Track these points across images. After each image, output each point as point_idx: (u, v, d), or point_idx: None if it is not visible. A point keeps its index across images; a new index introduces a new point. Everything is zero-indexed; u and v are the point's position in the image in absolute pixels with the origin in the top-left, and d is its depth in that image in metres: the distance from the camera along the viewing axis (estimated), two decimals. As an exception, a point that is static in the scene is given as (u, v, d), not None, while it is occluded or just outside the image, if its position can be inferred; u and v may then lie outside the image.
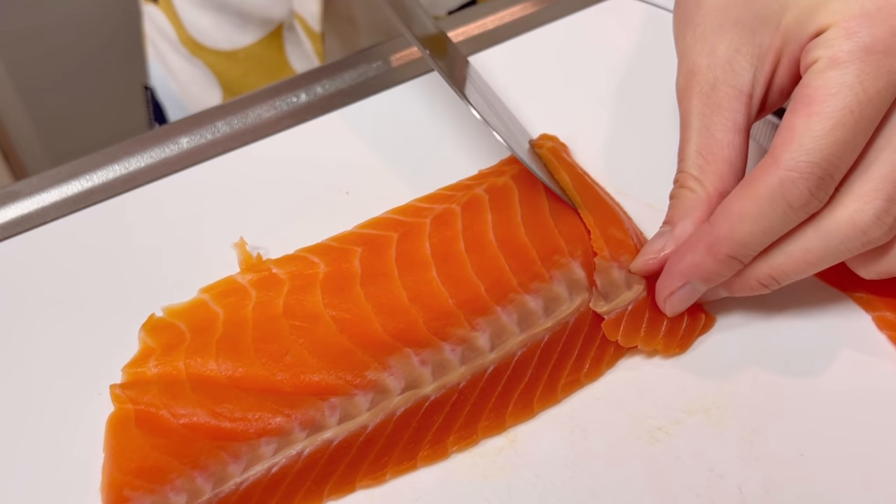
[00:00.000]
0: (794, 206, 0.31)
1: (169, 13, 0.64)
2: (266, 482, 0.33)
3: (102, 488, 0.32)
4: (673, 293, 0.35)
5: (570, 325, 0.37)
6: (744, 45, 0.34)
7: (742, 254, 0.33)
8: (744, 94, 0.34)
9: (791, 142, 0.31)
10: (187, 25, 0.63)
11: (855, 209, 0.31)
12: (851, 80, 0.30)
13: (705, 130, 0.35)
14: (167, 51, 0.66)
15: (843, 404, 0.35)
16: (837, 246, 0.32)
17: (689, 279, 0.35)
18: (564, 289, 0.37)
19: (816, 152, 0.31)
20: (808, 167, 0.31)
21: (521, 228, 0.39)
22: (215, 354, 0.35)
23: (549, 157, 0.43)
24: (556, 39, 0.51)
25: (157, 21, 0.66)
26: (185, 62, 0.65)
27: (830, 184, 0.31)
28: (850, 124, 0.30)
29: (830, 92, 0.30)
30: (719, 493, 0.33)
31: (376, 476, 0.33)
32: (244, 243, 0.40)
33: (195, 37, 0.63)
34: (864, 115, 0.30)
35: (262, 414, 0.33)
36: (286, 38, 0.63)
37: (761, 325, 0.38)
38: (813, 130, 0.31)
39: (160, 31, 0.66)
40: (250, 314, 0.36)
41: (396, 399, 0.34)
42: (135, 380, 0.35)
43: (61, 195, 0.43)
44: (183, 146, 0.46)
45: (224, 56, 0.63)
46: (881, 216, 0.31)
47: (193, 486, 0.32)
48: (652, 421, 0.35)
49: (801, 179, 0.31)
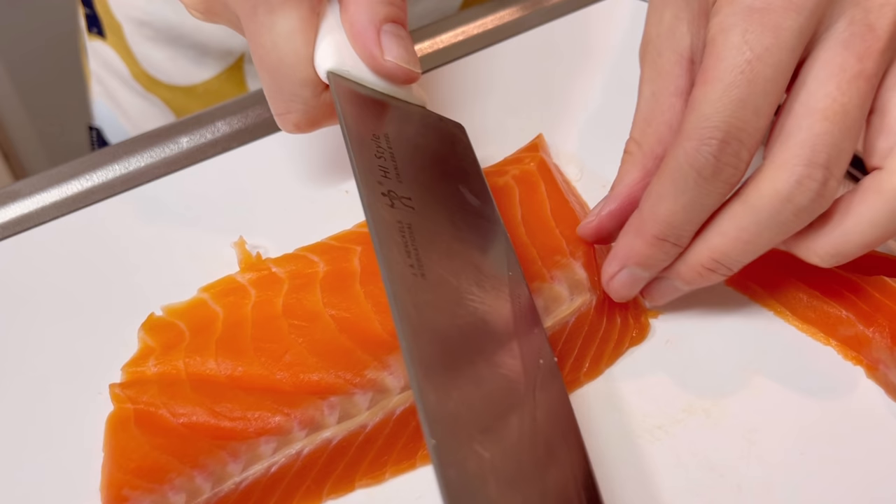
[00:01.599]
0: (704, 174, 0.31)
1: (119, 48, 0.61)
2: (265, 481, 0.33)
3: (102, 487, 0.32)
4: (613, 277, 0.35)
5: (571, 324, 0.37)
6: (682, 11, 0.35)
7: (670, 234, 0.33)
8: (684, 58, 0.34)
9: (692, 112, 0.31)
10: (141, 60, 0.60)
11: (775, 177, 0.30)
12: (737, 40, 0.30)
13: (651, 96, 0.35)
14: (116, 88, 0.63)
15: (843, 404, 0.35)
16: (767, 219, 0.31)
17: (625, 263, 0.35)
18: (565, 288, 0.37)
19: (714, 116, 0.30)
20: (708, 132, 0.30)
21: (521, 228, 0.39)
22: (215, 354, 0.35)
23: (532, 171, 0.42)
24: (553, 37, 0.51)
25: (104, 57, 0.62)
26: (139, 98, 0.62)
27: (739, 147, 0.30)
28: (743, 84, 0.30)
29: (720, 56, 0.30)
30: (719, 493, 0.33)
31: (376, 475, 0.33)
32: (244, 242, 0.40)
33: (149, 72, 0.60)
34: (757, 74, 0.30)
35: (261, 413, 0.33)
36: (248, 71, 0.59)
37: (761, 324, 0.38)
38: (708, 96, 0.30)
39: (108, 67, 0.63)
40: (250, 313, 0.36)
41: (396, 398, 0.34)
42: (134, 379, 0.35)
43: (61, 195, 0.43)
44: (183, 145, 0.46)
45: (181, 91, 0.60)
46: (802, 181, 0.30)
47: (193, 485, 0.32)
48: (652, 420, 0.35)
49: (703, 146, 0.30)
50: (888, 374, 0.35)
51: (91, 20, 0.62)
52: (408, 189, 0.34)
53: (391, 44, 0.35)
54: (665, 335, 0.37)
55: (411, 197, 0.33)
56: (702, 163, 0.30)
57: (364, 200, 0.32)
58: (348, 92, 0.35)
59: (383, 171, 0.34)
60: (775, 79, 0.30)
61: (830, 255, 0.32)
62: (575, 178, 0.44)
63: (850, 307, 0.37)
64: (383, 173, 0.34)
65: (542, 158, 0.43)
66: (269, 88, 0.36)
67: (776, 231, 0.31)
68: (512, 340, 0.32)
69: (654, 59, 0.36)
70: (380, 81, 0.36)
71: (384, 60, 0.35)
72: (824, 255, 0.32)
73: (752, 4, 0.30)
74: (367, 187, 0.32)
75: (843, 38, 0.30)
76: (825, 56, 0.31)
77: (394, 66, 0.35)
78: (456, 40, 0.52)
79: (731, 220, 0.32)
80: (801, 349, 0.37)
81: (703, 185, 0.31)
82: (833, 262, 0.33)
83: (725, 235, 0.32)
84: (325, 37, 0.35)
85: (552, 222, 0.40)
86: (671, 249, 0.33)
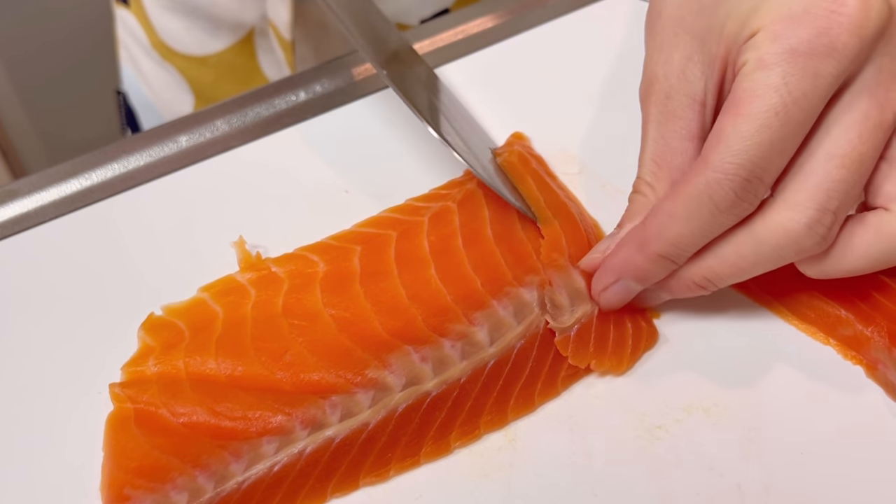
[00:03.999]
0: (721, 207, 0.31)
1: (140, 17, 0.63)
2: (268, 481, 0.33)
3: (102, 487, 0.32)
4: (606, 288, 0.36)
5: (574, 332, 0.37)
6: (696, 54, 0.35)
7: (673, 253, 0.33)
8: (696, 102, 0.34)
9: (719, 143, 0.31)
10: (158, 30, 0.62)
11: (787, 217, 0.31)
12: (777, 81, 0.30)
13: (660, 139, 0.35)
14: (139, 55, 0.65)
15: (842, 403, 0.35)
16: (770, 253, 0.32)
17: (621, 275, 0.35)
18: (565, 297, 0.37)
19: (742, 154, 0.30)
20: (734, 168, 0.31)
21: (517, 224, 0.39)
22: (215, 353, 0.35)
23: (514, 163, 0.42)
24: (554, 36, 0.51)
25: (128, 25, 0.65)
26: (157, 67, 0.64)
27: (759, 186, 0.31)
28: (776, 126, 0.30)
29: (756, 94, 0.30)
30: (719, 492, 0.33)
31: (380, 473, 0.33)
32: (243, 242, 0.40)
33: (166, 41, 0.62)
34: (791, 118, 0.30)
35: (262, 413, 0.33)
36: (258, 45, 0.62)
37: (761, 324, 0.38)
38: (739, 132, 0.31)
39: (132, 34, 0.65)
40: (249, 313, 0.36)
41: (398, 396, 0.34)
42: (134, 379, 0.35)
43: (60, 194, 0.43)
44: (182, 145, 0.46)
45: (195, 61, 0.62)
46: (813, 226, 0.31)
47: (195, 484, 0.32)
48: (652, 419, 0.35)
49: (727, 181, 0.31)
50: (887, 374, 0.35)
51: None
52: None
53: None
54: (665, 335, 0.37)
55: None
56: (721, 196, 0.31)
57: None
58: None
59: None
60: (805, 122, 0.31)
61: (817, 272, 0.34)
62: (574, 174, 0.44)
63: (849, 307, 0.37)
64: None
65: (520, 152, 0.43)
66: None
67: (774, 263, 0.33)
68: None
69: (662, 100, 0.35)
70: None
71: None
72: (811, 271, 0.34)
73: (797, 48, 0.30)
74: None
75: (869, 86, 0.31)
76: (850, 102, 0.31)
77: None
78: (455, 39, 0.51)
79: (733, 247, 0.33)
80: (800, 349, 0.37)
81: (717, 215, 0.32)
82: (817, 277, 0.34)
83: (723, 259, 0.33)
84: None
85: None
86: (669, 266, 0.34)
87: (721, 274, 0.34)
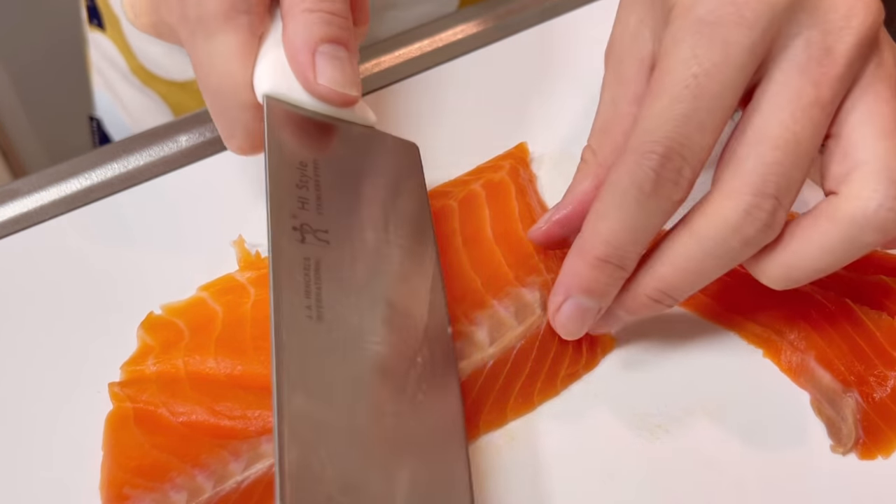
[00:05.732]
0: (645, 190, 0.29)
1: (118, 41, 0.60)
2: (267, 480, 0.33)
3: (102, 486, 0.32)
4: (558, 309, 0.33)
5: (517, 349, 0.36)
6: (647, 17, 0.34)
7: (613, 255, 0.31)
8: (645, 65, 0.33)
9: (636, 126, 0.30)
10: (138, 54, 0.59)
11: (724, 206, 0.29)
12: (686, 53, 0.29)
13: (611, 103, 0.34)
14: (116, 80, 0.62)
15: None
16: (714, 248, 0.30)
17: (570, 290, 0.33)
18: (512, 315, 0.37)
19: (656, 131, 0.29)
20: (649, 146, 0.29)
21: (518, 223, 0.39)
22: (214, 352, 0.35)
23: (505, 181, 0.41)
24: (549, 37, 0.51)
25: (104, 49, 0.62)
26: (136, 92, 0.61)
27: (681, 163, 0.29)
28: (689, 98, 0.29)
29: (668, 70, 0.29)
30: (719, 491, 0.33)
31: None
32: (243, 241, 0.40)
33: (146, 66, 0.59)
34: (704, 90, 0.29)
35: (262, 412, 0.33)
36: None
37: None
38: (652, 109, 0.29)
39: (108, 59, 0.62)
40: (249, 312, 0.36)
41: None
42: (133, 378, 0.35)
43: (60, 193, 0.43)
44: (182, 144, 0.46)
45: (177, 86, 0.59)
46: (752, 211, 0.29)
47: (194, 483, 0.32)
48: (652, 419, 0.35)
49: (644, 159, 0.29)
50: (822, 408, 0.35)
51: (92, 12, 0.62)
52: (327, 221, 0.32)
53: (326, 66, 0.33)
54: (665, 334, 0.37)
55: (328, 230, 0.32)
56: (641, 178, 0.29)
57: (269, 236, 0.30)
58: (282, 117, 0.33)
59: (302, 201, 0.32)
60: (722, 95, 0.29)
61: (780, 277, 0.31)
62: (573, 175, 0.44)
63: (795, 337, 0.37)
64: (301, 205, 0.32)
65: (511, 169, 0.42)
66: (212, 111, 0.35)
67: (723, 260, 0.30)
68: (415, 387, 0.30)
69: (616, 64, 0.35)
70: (319, 103, 0.34)
71: (317, 84, 0.33)
72: (774, 276, 0.31)
73: (704, 17, 0.29)
74: (276, 222, 0.30)
75: (799, 62, 0.30)
76: (781, 79, 0.30)
77: (326, 89, 0.33)
78: (456, 38, 0.51)
79: (677, 249, 0.31)
80: (801, 348, 0.37)
81: (643, 201, 0.30)
82: (784, 285, 0.31)
83: (671, 265, 0.31)
84: (263, 59, 0.34)
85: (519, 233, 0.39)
86: (615, 272, 0.32)
87: (674, 283, 0.31)
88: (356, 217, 0.33)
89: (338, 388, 0.28)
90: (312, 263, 0.30)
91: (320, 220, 0.32)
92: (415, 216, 0.35)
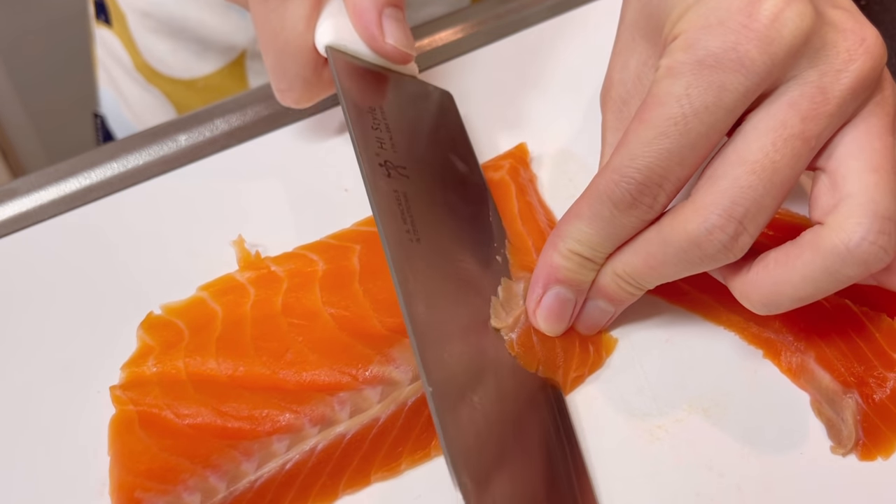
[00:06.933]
0: (619, 208, 0.31)
1: (123, 38, 0.60)
2: (281, 479, 0.33)
3: (112, 491, 0.32)
4: (538, 304, 0.35)
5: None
6: (650, 58, 0.34)
7: (585, 251, 0.33)
8: None
9: (622, 146, 0.31)
10: (143, 51, 0.59)
11: (689, 220, 0.30)
12: (679, 91, 0.30)
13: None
14: (121, 77, 0.63)
15: (843, 403, 0.35)
16: (674, 254, 0.31)
17: (548, 281, 0.34)
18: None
19: (639, 159, 0.30)
20: (630, 171, 0.31)
21: (517, 221, 0.39)
22: (215, 353, 0.35)
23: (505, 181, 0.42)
24: (550, 36, 0.51)
25: (110, 45, 0.62)
26: (141, 89, 0.62)
27: (657, 191, 0.31)
28: (675, 135, 0.30)
29: (660, 100, 0.30)
30: (719, 492, 0.33)
31: (391, 467, 0.33)
32: (243, 241, 0.40)
33: (151, 63, 0.60)
34: (691, 129, 0.30)
35: (269, 411, 0.33)
36: (249, 68, 0.59)
37: (761, 323, 0.38)
38: (639, 137, 0.30)
39: (113, 56, 0.62)
40: (249, 312, 0.36)
41: (407, 388, 0.35)
42: (134, 378, 0.35)
43: (59, 193, 0.43)
44: (181, 143, 0.46)
45: (182, 85, 0.60)
46: (713, 231, 0.30)
47: (207, 484, 0.32)
48: (652, 419, 0.35)
49: (623, 182, 0.31)
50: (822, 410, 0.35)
51: (99, 7, 0.62)
52: (402, 159, 0.36)
53: (392, 27, 0.37)
54: (665, 334, 0.37)
55: (406, 166, 0.36)
56: (619, 197, 0.31)
57: (364, 171, 0.34)
58: (346, 66, 0.38)
59: (380, 142, 0.36)
60: (708, 135, 0.30)
61: (761, 302, 0.32)
62: (574, 173, 0.44)
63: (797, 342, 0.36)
64: (380, 144, 0.36)
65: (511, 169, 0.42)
66: (273, 68, 0.38)
67: (683, 266, 0.32)
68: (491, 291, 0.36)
69: (618, 106, 0.36)
70: (376, 57, 0.39)
71: (384, 42, 0.38)
72: (754, 301, 0.32)
73: (704, 59, 0.30)
74: (366, 159, 0.35)
75: (791, 97, 0.30)
76: (770, 110, 0.30)
77: (392, 48, 0.38)
78: (455, 38, 0.51)
79: (643, 244, 0.32)
80: (801, 349, 0.37)
81: (617, 216, 0.32)
82: (764, 310, 0.32)
83: (636, 255, 0.33)
84: (327, 17, 0.38)
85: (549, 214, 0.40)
86: (588, 265, 0.34)
87: (637, 270, 0.33)
88: (422, 154, 0.38)
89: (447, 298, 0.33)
90: (401, 195, 0.35)
91: (397, 158, 0.36)
92: (463, 152, 0.41)
